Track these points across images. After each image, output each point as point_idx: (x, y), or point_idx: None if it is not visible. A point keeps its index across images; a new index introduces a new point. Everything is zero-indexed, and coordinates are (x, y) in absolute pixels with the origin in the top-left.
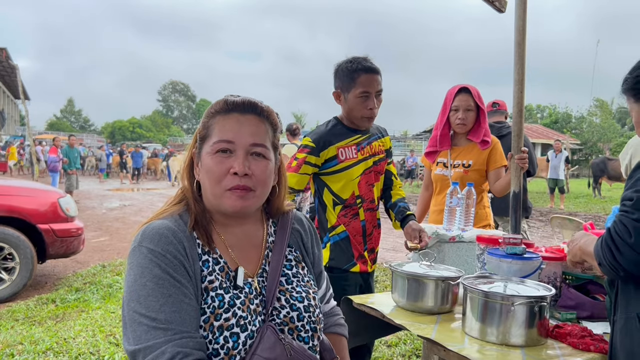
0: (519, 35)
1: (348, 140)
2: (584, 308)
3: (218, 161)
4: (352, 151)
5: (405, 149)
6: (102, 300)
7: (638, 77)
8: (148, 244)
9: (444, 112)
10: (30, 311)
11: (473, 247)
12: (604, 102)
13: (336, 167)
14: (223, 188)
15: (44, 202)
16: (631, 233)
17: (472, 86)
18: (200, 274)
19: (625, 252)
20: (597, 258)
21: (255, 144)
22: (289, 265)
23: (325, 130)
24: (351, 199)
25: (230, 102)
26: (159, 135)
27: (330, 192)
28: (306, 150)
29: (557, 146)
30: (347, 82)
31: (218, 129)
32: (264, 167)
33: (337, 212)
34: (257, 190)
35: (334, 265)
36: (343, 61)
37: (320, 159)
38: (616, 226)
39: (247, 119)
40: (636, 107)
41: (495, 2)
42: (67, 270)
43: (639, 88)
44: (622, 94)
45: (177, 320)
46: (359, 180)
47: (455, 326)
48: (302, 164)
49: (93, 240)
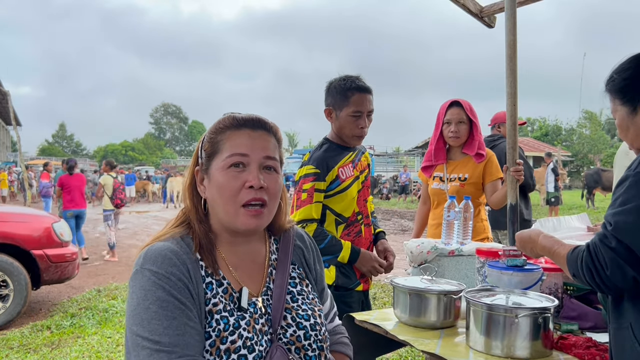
0: (510, 49)
1: (345, 159)
2: (586, 318)
3: (232, 176)
4: (349, 169)
5: (398, 165)
6: (98, 326)
7: (627, 80)
8: (151, 266)
9: (437, 126)
10: (25, 339)
11: (472, 260)
12: (592, 114)
13: (339, 187)
14: (238, 204)
15: (37, 228)
16: (608, 265)
17: (464, 100)
18: (204, 296)
19: (604, 280)
20: (571, 269)
21: (268, 157)
22: (293, 283)
23: (323, 153)
24: (353, 216)
25: (240, 118)
26: (151, 158)
27: (333, 212)
28: (311, 178)
29: (547, 160)
30: (340, 100)
31: (230, 144)
32: (275, 180)
33: (340, 232)
34: (270, 204)
35: (340, 285)
36: (336, 79)
37: (326, 183)
38: (596, 250)
39: (259, 134)
40: (621, 110)
41: (484, 18)
42: (62, 295)
43: (626, 91)
44: (605, 93)
45: (181, 343)
46: (357, 197)
47: (459, 340)
48: (312, 192)
49: (88, 265)
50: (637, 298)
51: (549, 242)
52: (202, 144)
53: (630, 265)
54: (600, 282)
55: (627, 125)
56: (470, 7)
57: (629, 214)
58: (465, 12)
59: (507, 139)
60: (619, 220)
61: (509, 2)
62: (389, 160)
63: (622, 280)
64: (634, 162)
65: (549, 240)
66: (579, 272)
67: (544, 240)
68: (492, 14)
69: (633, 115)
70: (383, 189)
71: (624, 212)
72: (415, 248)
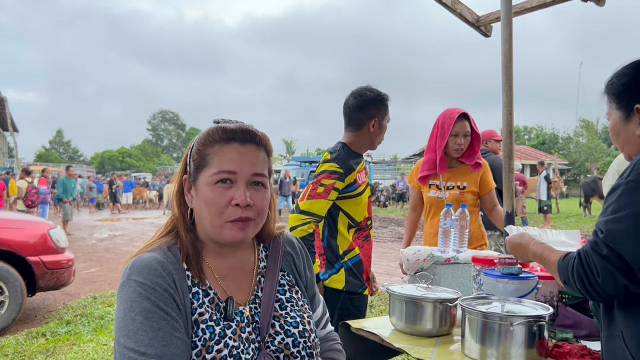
0: (506, 58)
1: (360, 165)
2: (581, 327)
3: (219, 193)
4: (363, 175)
5: (395, 172)
6: (94, 333)
7: (625, 85)
8: (137, 277)
9: (443, 136)
10: (20, 346)
11: (468, 268)
12: (589, 123)
13: (355, 191)
14: (224, 219)
15: (33, 234)
16: (599, 273)
17: (467, 112)
18: (190, 306)
19: (595, 287)
20: (562, 276)
21: (256, 173)
22: (282, 290)
23: (345, 155)
24: (363, 221)
25: (230, 130)
26: (148, 165)
27: (347, 215)
28: (334, 176)
29: (540, 168)
30: (383, 111)
31: (218, 159)
32: (263, 196)
33: (351, 236)
34: (256, 219)
35: (350, 290)
36: (374, 90)
37: (344, 184)
38: (588, 258)
39: (248, 149)
40: (615, 114)
41: (481, 27)
42: (58, 302)
43: (622, 97)
44: (604, 94)
45: (167, 354)
46: (367, 202)
47: (454, 348)
48: (330, 189)
49: (84, 272)
50: (628, 306)
51: (540, 249)
52: (191, 154)
53: (622, 273)
54: (592, 289)
55: (618, 130)
56: (466, 16)
57: (620, 222)
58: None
59: (503, 147)
60: (610, 228)
61: (505, 12)
62: (387, 167)
63: (614, 288)
64: (625, 171)
65: (540, 247)
66: (569, 279)
67: (535, 247)
68: (489, 23)
69: (626, 121)
70: (380, 196)
71: (616, 219)
72: (412, 256)
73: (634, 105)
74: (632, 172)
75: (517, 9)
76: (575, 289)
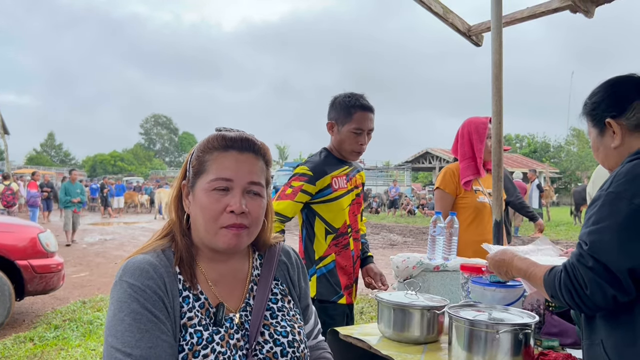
0: (496, 68)
1: (340, 170)
2: (567, 335)
3: (215, 199)
4: (343, 181)
5: (388, 179)
6: (82, 338)
7: (595, 103)
8: (128, 278)
9: (481, 140)
10: (7, 350)
11: (457, 275)
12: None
13: (330, 195)
14: (218, 225)
15: (23, 238)
16: (587, 285)
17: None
18: (179, 310)
19: (584, 300)
20: (549, 291)
21: (252, 182)
22: (274, 299)
23: (320, 159)
24: (343, 227)
25: (229, 138)
26: (140, 169)
27: (323, 221)
28: (303, 178)
29: (531, 176)
30: (343, 116)
31: (216, 167)
32: (259, 205)
33: (328, 242)
34: (251, 227)
35: (320, 298)
36: (341, 95)
37: (316, 187)
38: (574, 270)
39: (246, 157)
40: (592, 131)
41: (472, 37)
42: (46, 307)
43: (594, 114)
44: (581, 117)
45: (152, 356)
46: (348, 210)
47: (441, 355)
48: (298, 191)
49: (73, 276)
50: (608, 315)
51: (524, 264)
52: (191, 160)
53: (610, 284)
54: (580, 302)
55: (597, 146)
56: (458, 25)
57: (602, 233)
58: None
59: (492, 156)
60: (594, 239)
61: (495, 23)
62: (379, 174)
63: (603, 299)
64: (606, 182)
65: (524, 262)
66: (557, 293)
67: (519, 262)
68: (480, 32)
69: (601, 137)
70: (373, 203)
71: (598, 231)
72: (401, 263)
73: (605, 120)
74: (612, 183)
75: (508, 19)
76: (563, 302)
